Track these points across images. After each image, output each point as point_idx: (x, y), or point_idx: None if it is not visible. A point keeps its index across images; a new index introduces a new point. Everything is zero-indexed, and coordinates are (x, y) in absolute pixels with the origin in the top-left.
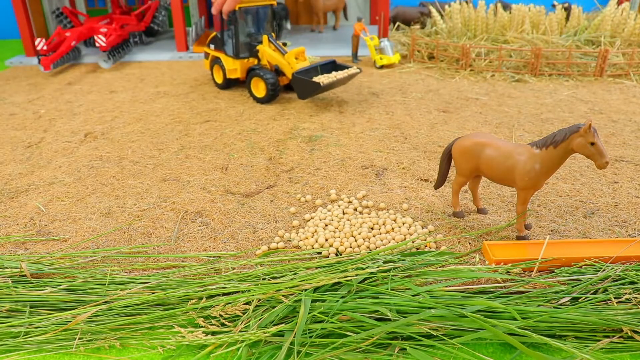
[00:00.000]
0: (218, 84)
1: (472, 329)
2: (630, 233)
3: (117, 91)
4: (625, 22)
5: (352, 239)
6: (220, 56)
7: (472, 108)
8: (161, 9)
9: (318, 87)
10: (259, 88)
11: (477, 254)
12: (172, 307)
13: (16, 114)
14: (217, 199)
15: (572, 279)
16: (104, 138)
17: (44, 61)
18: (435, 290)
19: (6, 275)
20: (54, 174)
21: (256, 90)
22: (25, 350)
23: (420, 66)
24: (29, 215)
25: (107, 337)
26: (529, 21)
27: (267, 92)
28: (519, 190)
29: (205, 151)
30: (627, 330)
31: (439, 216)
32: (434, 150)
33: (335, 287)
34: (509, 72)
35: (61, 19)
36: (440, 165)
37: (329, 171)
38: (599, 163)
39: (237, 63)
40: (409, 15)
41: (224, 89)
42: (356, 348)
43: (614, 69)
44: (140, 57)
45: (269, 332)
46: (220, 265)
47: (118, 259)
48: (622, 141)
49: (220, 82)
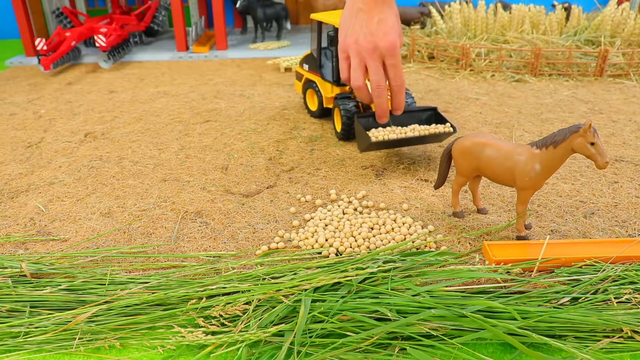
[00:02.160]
0: (312, 112)
1: (472, 329)
2: (630, 233)
3: (117, 91)
4: (625, 22)
5: (352, 239)
6: (316, 80)
7: (472, 108)
8: (161, 9)
9: (369, 141)
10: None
11: (477, 254)
12: (172, 307)
13: (16, 114)
14: (217, 199)
15: (572, 279)
16: (104, 138)
17: (44, 61)
18: (435, 290)
19: (6, 275)
20: (54, 174)
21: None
22: (25, 350)
23: (420, 66)
24: (29, 215)
25: (107, 337)
26: (529, 21)
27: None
28: (519, 190)
29: (205, 151)
30: (627, 330)
31: (439, 216)
32: (434, 150)
33: (335, 287)
34: (509, 72)
35: (61, 19)
36: (440, 165)
37: (329, 171)
38: (599, 163)
39: (337, 90)
40: (408, 15)
41: (319, 117)
42: (356, 348)
43: (614, 69)
44: (140, 57)
45: (269, 332)
46: (220, 265)
47: (118, 259)
48: (622, 141)
49: (315, 109)
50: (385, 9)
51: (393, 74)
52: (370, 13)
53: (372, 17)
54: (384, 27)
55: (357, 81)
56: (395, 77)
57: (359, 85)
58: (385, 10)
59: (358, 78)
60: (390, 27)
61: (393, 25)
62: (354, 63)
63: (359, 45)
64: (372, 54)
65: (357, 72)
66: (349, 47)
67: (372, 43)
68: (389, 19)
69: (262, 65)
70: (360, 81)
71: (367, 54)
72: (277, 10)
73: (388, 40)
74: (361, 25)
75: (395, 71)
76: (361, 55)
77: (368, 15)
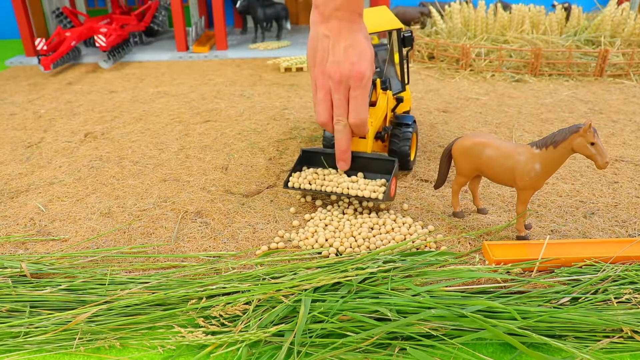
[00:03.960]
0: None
1: (472, 329)
2: (630, 233)
3: (117, 91)
4: (625, 22)
5: (352, 239)
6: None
7: (472, 108)
8: (161, 9)
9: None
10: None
11: (477, 254)
12: (172, 307)
13: (16, 114)
14: (217, 199)
15: (572, 279)
16: (104, 138)
17: (44, 61)
18: (435, 290)
19: (6, 275)
20: (54, 174)
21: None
22: (25, 350)
23: (420, 66)
24: (29, 215)
25: (107, 337)
26: (529, 21)
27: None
28: (519, 190)
29: (205, 151)
30: (627, 330)
31: (439, 216)
32: (434, 150)
33: (335, 287)
34: (509, 72)
35: (61, 19)
36: (440, 165)
37: None
38: (599, 163)
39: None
40: (408, 15)
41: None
42: (356, 348)
43: (614, 69)
44: (140, 57)
45: (269, 332)
46: (220, 265)
47: (118, 259)
48: (622, 141)
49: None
50: (353, 35)
51: (352, 107)
52: (337, 39)
53: (338, 43)
54: (352, 54)
55: (320, 117)
56: (354, 111)
57: (323, 121)
58: (353, 36)
59: (322, 114)
60: (359, 54)
61: (363, 52)
62: (319, 96)
63: (324, 77)
64: (337, 86)
65: (321, 107)
66: (316, 78)
67: (337, 72)
68: (357, 45)
69: (262, 65)
70: (323, 117)
71: (333, 85)
72: (277, 10)
73: (356, 69)
74: (326, 53)
75: (356, 104)
76: (327, 88)
77: (334, 42)
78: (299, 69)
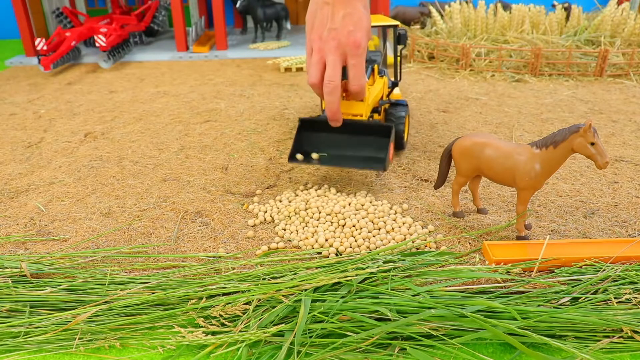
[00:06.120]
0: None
1: (472, 329)
2: (630, 233)
3: (117, 91)
4: (625, 22)
5: (352, 239)
6: None
7: (472, 108)
8: (161, 9)
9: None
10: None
11: (477, 254)
12: (172, 307)
13: (16, 114)
14: (217, 199)
15: (572, 279)
16: (104, 138)
17: (44, 61)
18: (435, 290)
19: (6, 275)
20: (54, 174)
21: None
22: (25, 350)
23: (420, 66)
24: (29, 215)
25: (107, 337)
26: (529, 21)
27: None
28: (519, 190)
29: (205, 151)
30: (627, 330)
31: (439, 216)
32: (434, 150)
33: (335, 287)
34: (509, 72)
35: (61, 19)
36: (440, 165)
37: (329, 171)
38: (599, 163)
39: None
40: (408, 15)
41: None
42: (356, 348)
43: (614, 69)
44: (140, 57)
45: (269, 332)
46: (220, 265)
47: (118, 259)
48: (622, 141)
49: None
50: (352, 3)
51: (352, 75)
52: (336, 7)
53: (337, 11)
54: (349, 23)
55: (312, 78)
56: (354, 79)
57: (313, 82)
58: (352, 4)
59: (313, 75)
60: (356, 23)
61: (359, 20)
62: (314, 59)
63: (321, 42)
64: (334, 51)
65: (313, 68)
66: (312, 42)
67: (335, 39)
68: (355, 14)
69: (262, 65)
70: (314, 78)
71: (329, 50)
72: (277, 10)
73: (352, 38)
74: (326, 19)
75: (355, 72)
76: (322, 52)
77: (333, 10)
78: (299, 69)
